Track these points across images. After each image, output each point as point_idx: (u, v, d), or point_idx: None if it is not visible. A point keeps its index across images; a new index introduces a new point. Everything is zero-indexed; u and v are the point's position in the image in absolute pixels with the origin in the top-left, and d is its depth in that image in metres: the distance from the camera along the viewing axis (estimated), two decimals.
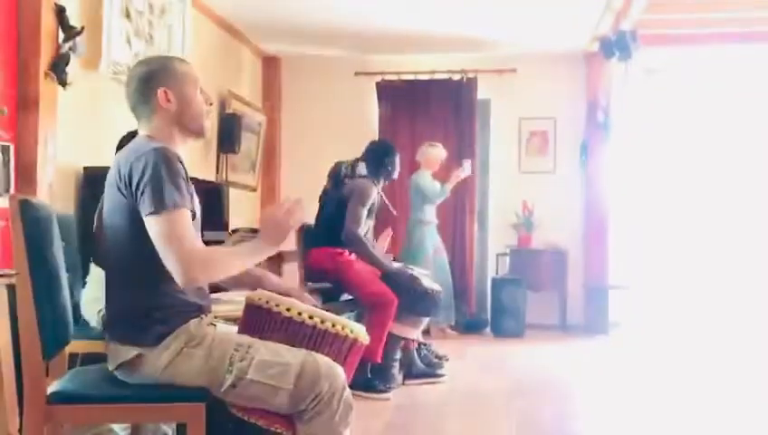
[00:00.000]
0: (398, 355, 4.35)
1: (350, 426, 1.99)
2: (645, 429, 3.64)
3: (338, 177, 4.53)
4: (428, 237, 6.00)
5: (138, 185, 1.88)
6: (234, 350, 1.95)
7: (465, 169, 6.05)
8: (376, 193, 4.39)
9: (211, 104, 2.17)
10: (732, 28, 6.25)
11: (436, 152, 6.12)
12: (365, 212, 4.28)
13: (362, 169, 4.54)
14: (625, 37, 5.92)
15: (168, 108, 2.04)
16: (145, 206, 1.88)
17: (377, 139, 4.69)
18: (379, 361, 4.12)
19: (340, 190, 4.42)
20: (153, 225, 1.88)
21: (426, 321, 4.56)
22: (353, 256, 4.34)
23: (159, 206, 1.86)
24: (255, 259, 2.04)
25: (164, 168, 1.89)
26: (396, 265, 4.47)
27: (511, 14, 5.91)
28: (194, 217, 2.01)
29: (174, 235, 1.86)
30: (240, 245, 2.06)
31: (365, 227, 4.38)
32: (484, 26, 6.26)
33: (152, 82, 2.04)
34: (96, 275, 3.03)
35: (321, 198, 4.58)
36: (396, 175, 4.64)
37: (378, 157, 4.53)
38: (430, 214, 6.05)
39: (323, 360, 1.97)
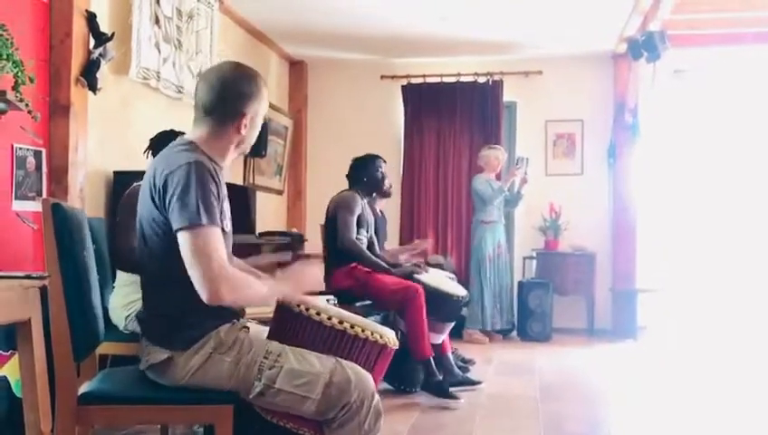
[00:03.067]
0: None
1: (380, 432, 1.99)
2: (673, 434, 3.60)
3: None
4: (489, 237, 6.25)
5: (170, 199, 1.89)
6: (263, 358, 1.95)
7: (521, 168, 6.14)
8: (360, 203, 4.35)
9: None
10: (761, 28, 6.16)
11: (494, 154, 6.27)
12: (354, 220, 4.27)
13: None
14: (653, 38, 5.85)
15: (242, 132, 2.05)
16: (176, 220, 1.88)
17: (359, 156, 4.62)
18: (429, 354, 4.07)
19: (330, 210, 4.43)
20: (183, 241, 1.88)
21: (450, 326, 4.46)
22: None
23: (188, 222, 1.86)
24: (273, 297, 2.04)
25: (196, 184, 1.88)
26: (407, 266, 4.41)
27: (537, 15, 5.87)
28: (224, 233, 1.99)
29: (203, 252, 1.86)
30: (263, 279, 2.05)
31: (363, 240, 4.37)
32: (509, 29, 6.23)
33: (245, 103, 2.03)
34: (123, 281, 3.06)
35: (325, 223, 4.54)
36: (384, 181, 4.57)
37: (356, 173, 4.52)
38: (492, 214, 6.28)
39: (353, 369, 1.96)
